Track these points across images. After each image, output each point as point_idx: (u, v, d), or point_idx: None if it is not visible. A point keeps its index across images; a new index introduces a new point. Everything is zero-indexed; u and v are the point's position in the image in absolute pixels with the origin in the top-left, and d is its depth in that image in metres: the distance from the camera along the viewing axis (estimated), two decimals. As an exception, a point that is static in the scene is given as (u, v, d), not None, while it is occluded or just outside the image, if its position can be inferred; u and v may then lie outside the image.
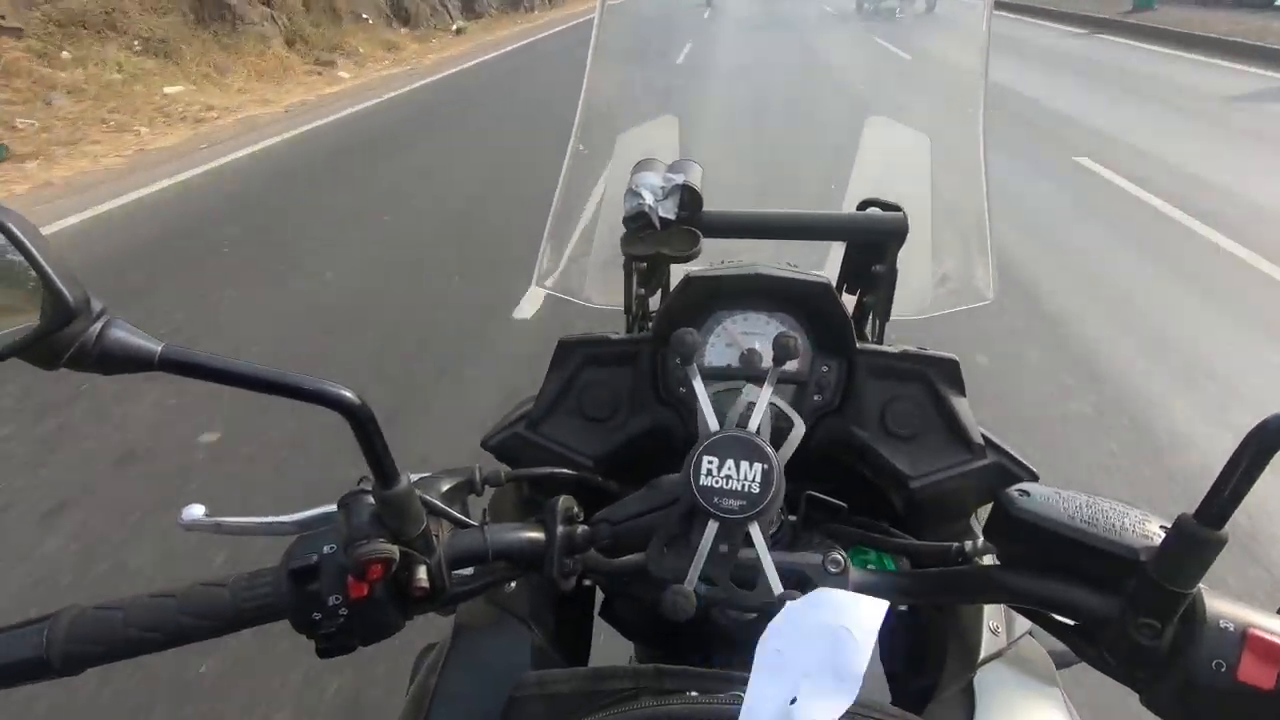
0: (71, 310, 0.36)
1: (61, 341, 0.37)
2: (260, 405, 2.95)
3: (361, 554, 0.43)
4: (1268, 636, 0.39)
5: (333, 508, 0.49)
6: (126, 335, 0.38)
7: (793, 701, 0.37)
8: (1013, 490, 0.48)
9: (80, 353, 0.37)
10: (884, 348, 0.71)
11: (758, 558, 0.46)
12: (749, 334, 0.71)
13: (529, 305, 3.35)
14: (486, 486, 0.58)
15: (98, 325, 0.38)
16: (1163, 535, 0.42)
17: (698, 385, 0.49)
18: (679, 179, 0.74)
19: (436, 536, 0.48)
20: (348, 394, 0.42)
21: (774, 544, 0.63)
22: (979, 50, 0.83)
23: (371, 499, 0.45)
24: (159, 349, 0.38)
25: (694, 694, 0.42)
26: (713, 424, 0.48)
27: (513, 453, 0.71)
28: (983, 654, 0.59)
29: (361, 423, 0.42)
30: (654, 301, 0.90)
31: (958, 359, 0.69)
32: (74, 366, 0.37)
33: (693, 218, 0.75)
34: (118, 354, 0.38)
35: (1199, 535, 0.39)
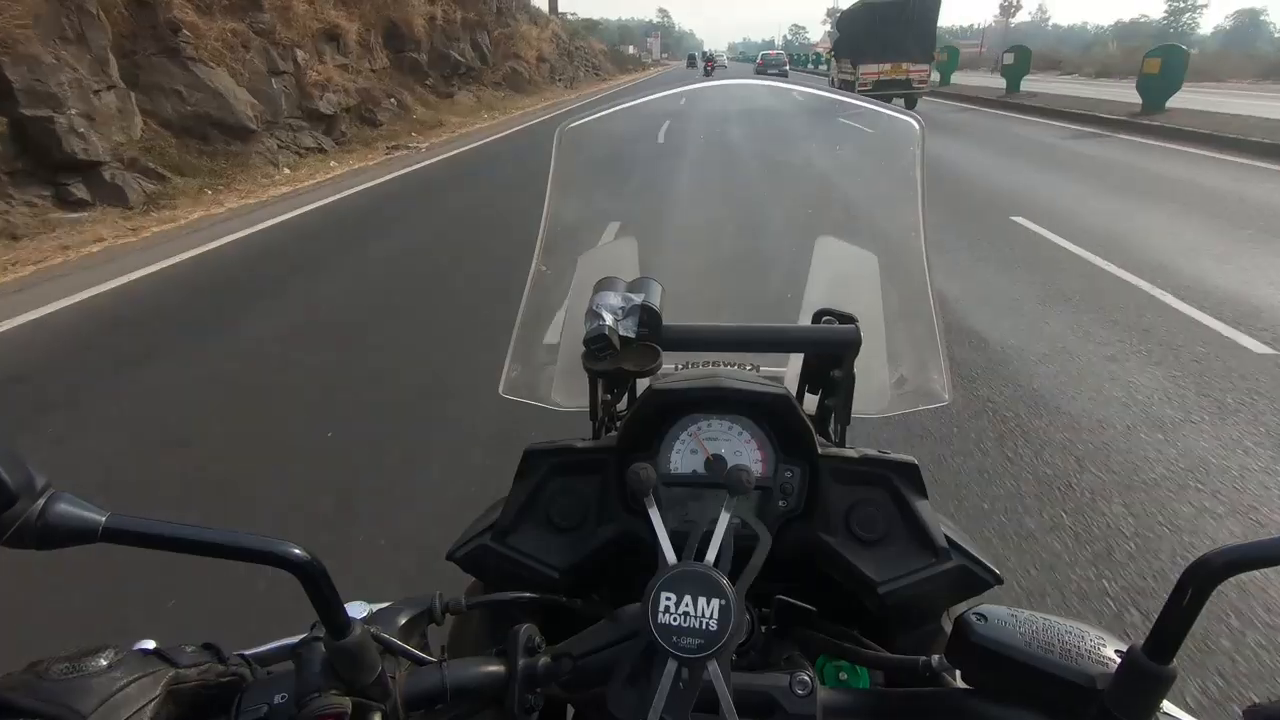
0: (13, 494, 0.35)
1: (2, 523, 0.36)
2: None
3: (312, 709, 0.42)
4: None
5: (294, 639, 0.48)
6: (70, 509, 0.38)
7: None
8: (971, 614, 0.48)
9: (21, 531, 0.36)
10: (845, 451, 0.73)
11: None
12: (713, 440, 0.72)
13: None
14: (447, 615, 0.57)
15: (40, 502, 0.37)
16: (1117, 661, 0.43)
17: (654, 516, 0.49)
18: (638, 299, 0.77)
19: (393, 678, 0.47)
20: (296, 550, 0.42)
21: (744, 653, 0.63)
22: (915, 177, 0.89)
23: (324, 648, 0.45)
24: (103, 520, 0.38)
25: None
26: (670, 557, 0.48)
27: (479, 564, 0.70)
28: None
29: (312, 577, 0.42)
30: (621, 404, 0.92)
31: (917, 463, 0.71)
32: (15, 545, 0.36)
33: (653, 335, 0.78)
34: (60, 529, 0.37)
35: (1148, 670, 0.40)
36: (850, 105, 1.02)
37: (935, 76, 21.24)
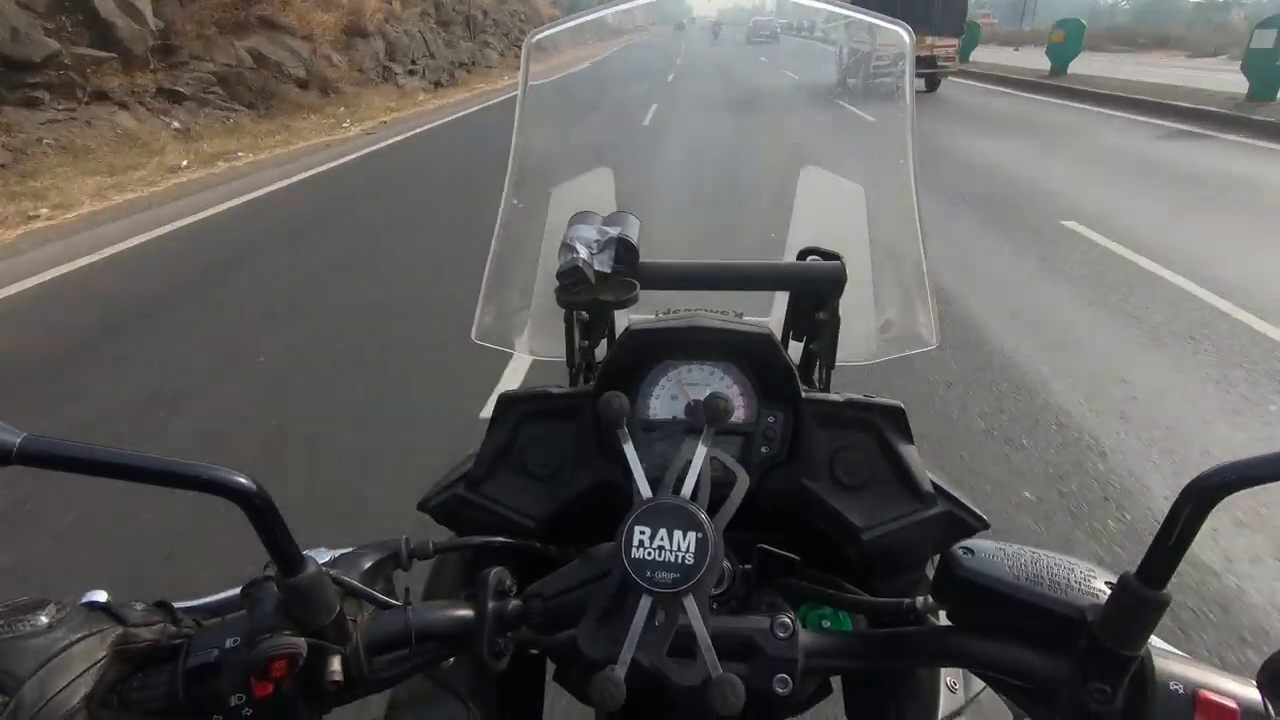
0: None
1: None
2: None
3: (263, 650, 0.39)
4: (1218, 699, 0.38)
5: (234, 592, 0.45)
6: None
7: None
8: (957, 549, 0.47)
9: None
10: (830, 396, 0.71)
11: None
12: (694, 385, 0.70)
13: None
14: (415, 560, 0.55)
15: None
16: (1108, 592, 0.41)
17: (628, 449, 0.47)
18: (614, 232, 0.74)
19: (353, 621, 0.45)
20: (243, 480, 0.39)
21: (724, 601, 0.61)
22: (905, 100, 0.86)
23: (276, 587, 0.42)
24: (18, 440, 0.35)
25: None
26: (645, 491, 0.46)
27: (453, 514, 0.68)
28: (941, 713, 0.57)
29: (259, 509, 0.39)
30: (599, 352, 0.89)
31: (903, 406, 0.69)
32: None
33: (629, 271, 0.75)
34: None
35: (1142, 596, 0.39)
36: (833, 13, 0.97)
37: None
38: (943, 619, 0.52)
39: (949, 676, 0.61)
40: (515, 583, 0.50)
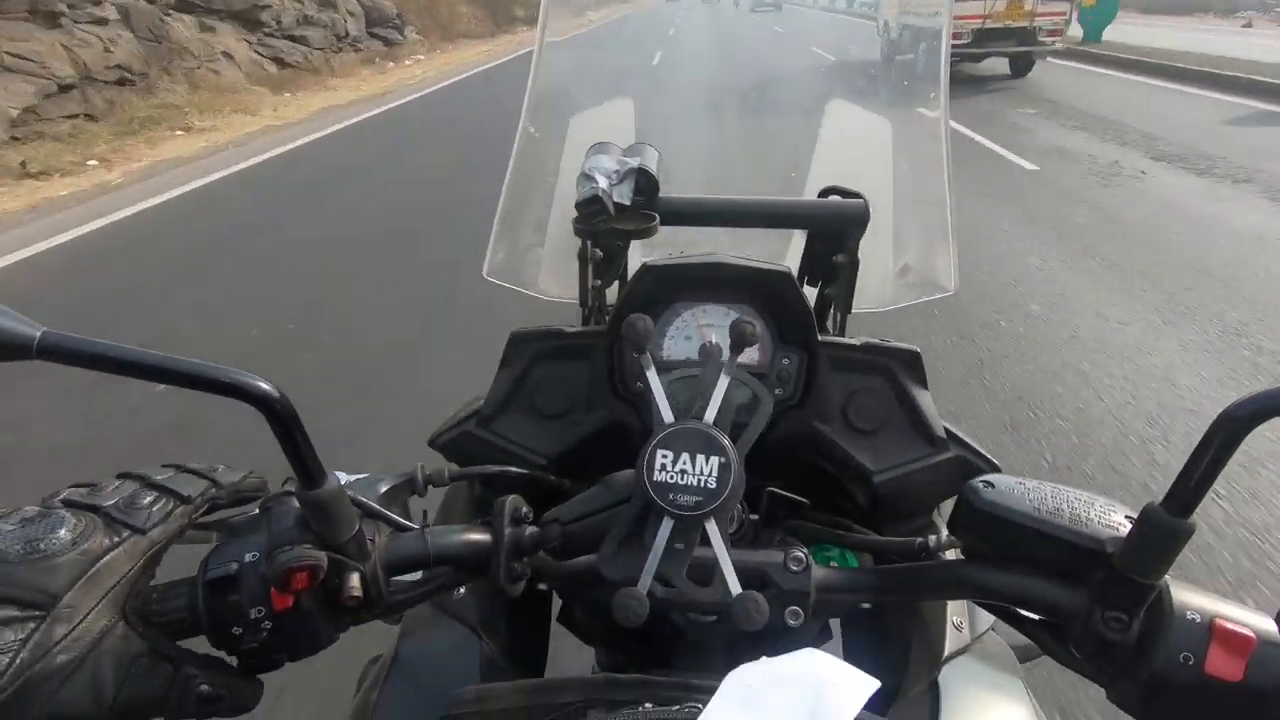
0: None
1: None
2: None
3: (283, 561, 0.39)
4: (1234, 628, 0.38)
5: (255, 507, 0.45)
6: (1, 320, 0.34)
7: None
8: (977, 482, 0.46)
9: None
10: (846, 340, 0.70)
11: (715, 556, 0.43)
12: (708, 325, 0.69)
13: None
14: (430, 487, 0.55)
15: None
16: (1129, 525, 0.41)
17: (651, 375, 0.46)
18: (634, 162, 0.72)
19: (372, 541, 0.45)
20: (265, 385, 0.38)
21: (734, 542, 0.62)
22: (941, 25, 0.82)
23: (296, 501, 0.42)
24: (38, 334, 0.34)
25: (647, 705, 0.39)
26: (667, 416, 0.45)
27: (463, 452, 0.68)
28: (947, 650, 0.58)
29: (281, 418, 0.38)
30: (610, 294, 0.88)
31: (919, 350, 0.69)
32: None
33: (648, 203, 0.73)
34: None
35: (1166, 525, 0.38)
36: None
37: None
38: (953, 559, 0.52)
39: (955, 616, 0.61)
40: (531, 511, 0.50)
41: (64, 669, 0.36)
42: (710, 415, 0.44)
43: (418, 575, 0.47)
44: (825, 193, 0.81)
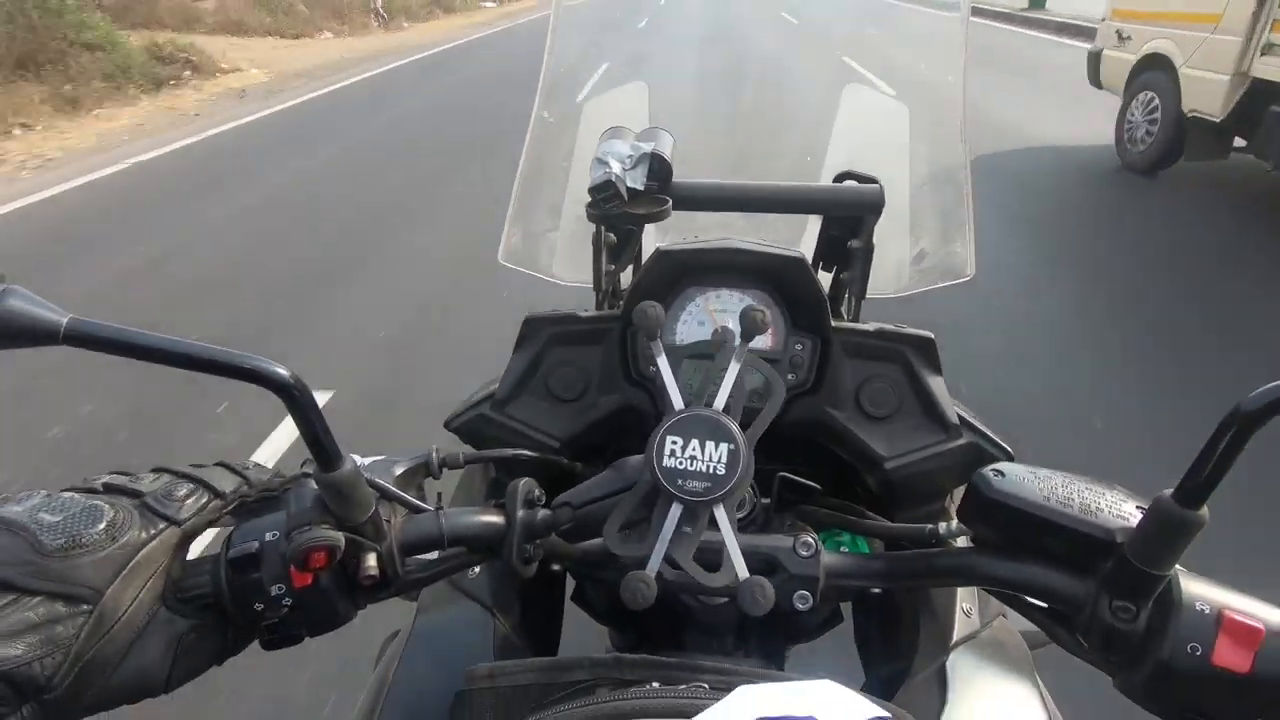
0: None
1: None
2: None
3: (303, 541, 0.40)
4: (1243, 619, 0.38)
5: (274, 491, 0.46)
6: (27, 306, 0.34)
7: None
8: (987, 470, 0.46)
9: None
10: (859, 325, 0.70)
11: (723, 541, 0.44)
12: (722, 311, 0.69)
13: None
14: (445, 470, 0.56)
15: None
16: (1139, 515, 0.41)
17: (662, 361, 0.46)
18: (648, 147, 0.72)
19: (388, 522, 0.46)
20: (282, 370, 0.39)
21: (745, 527, 0.62)
22: (959, 17, 0.81)
23: (314, 483, 0.43)
24: (64, 321, 0.35)
25: (655, 685, 0.40)
26: (677, 402, 0.45)
27: (477, 434, 0.69)
28: (955, 637, 0.58)
29: (298, 402, 0.39)
30: (625, 278, 0.88)
31: (933, 337, 0.68)
32: None
33: (662, 188, 0.73)
34: (16, 326, 0.34)
35: (1177, 516, 0.38)
36: None
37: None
38: (963, 546, 0.52)
39: (964, 602, 0.62)
40: (544, 493, 0.51)
41: (113, 657, 0.38)
42: (720, 402, 0.45)
43: (433, 555, 0.49)
44: (840, 178, 0.80)
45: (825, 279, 0.89)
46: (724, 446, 0.43)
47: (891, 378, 0.68)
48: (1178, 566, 0.41)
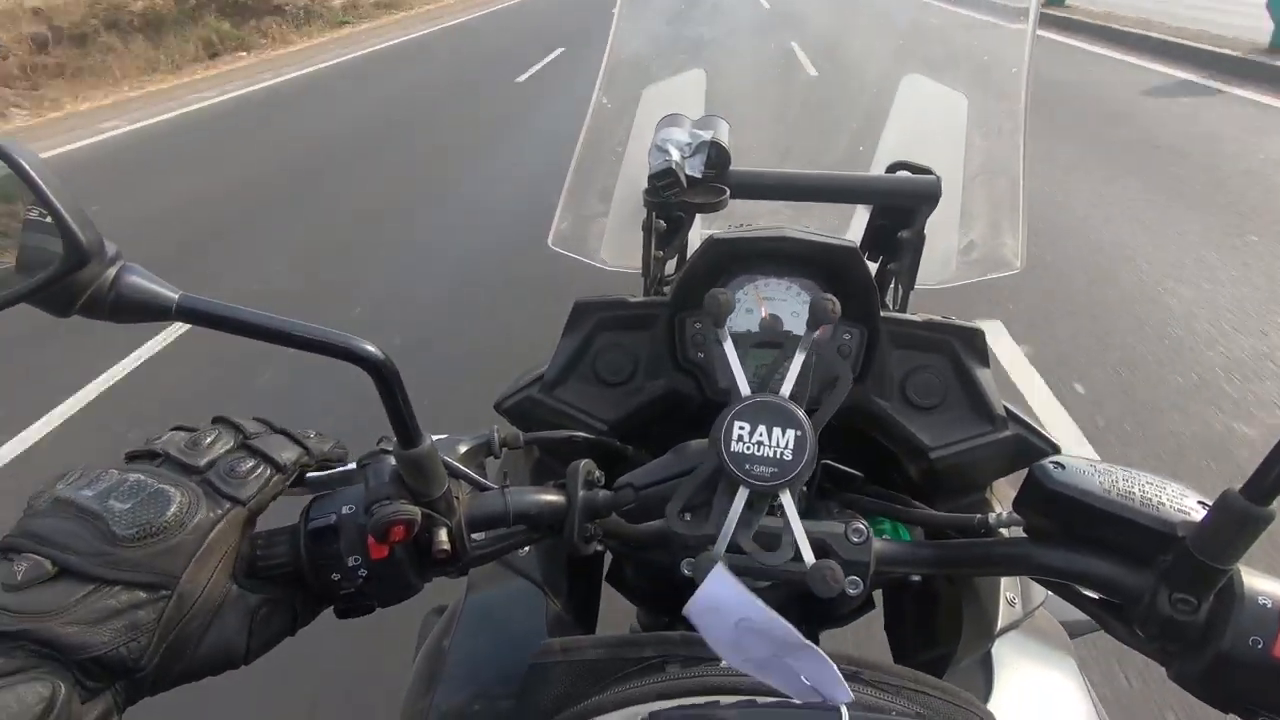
0: (86, 253, 0.34)
1: (76, 286, 0.35)
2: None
3: (384, 515, 0.42)
4: None
5: (350, 467, 0.48)
6: (143, 282, 0.36)
7: None
8: (1047, 462, 0.47)
9: (95, 298, 0.35)
10: (908, 316, 0.70)
11: (783, 526, 0.45)
12: (770, 299, 0.70)
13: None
14: (504, 449, 0.57)
15: (113, 270, 0.36)
16: (1202, 510, 0.41)
17: (728, 347, 0.47)
18: (706, 135, 0.72)
19: (457, 499, 0.47)
20: (372, 349, 0.40)
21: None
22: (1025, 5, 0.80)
23: (393, 459, 0.44)
24: (176, 297, 0.37)
25: (724, 663, 0.41)
26: (744, 388, 0.46)
27: (526, 416, 0.70)
28: (1000, 624, 0.59)
29: (387, 380, 0.41)
30: (670, 266, 0.88)
31: (983, 329, 0.68)
32: (87, 313, 0.36)
33: (720, 176, 0.73)
34: (133, 301, 0.36)
35: (1244, 511, 0.38)
36: None
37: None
38: (1014, 536, 0.53)
39: (1008, 591, 0.62)
40: (602, 474, 0.52)
41: (194, 636, 0.40)
42: (786, 389, 0.46)
43: (494, 532, 0.50)
44: (894, 168, 0.80)
45: (872, 268, 0.89)
46: (790, 433, 0.44)
47: (938, 368, 0.68)
48: (1240, 564, 0.41)
